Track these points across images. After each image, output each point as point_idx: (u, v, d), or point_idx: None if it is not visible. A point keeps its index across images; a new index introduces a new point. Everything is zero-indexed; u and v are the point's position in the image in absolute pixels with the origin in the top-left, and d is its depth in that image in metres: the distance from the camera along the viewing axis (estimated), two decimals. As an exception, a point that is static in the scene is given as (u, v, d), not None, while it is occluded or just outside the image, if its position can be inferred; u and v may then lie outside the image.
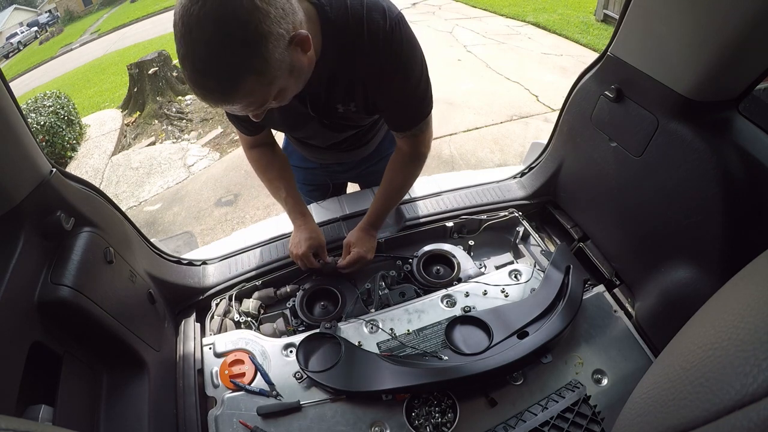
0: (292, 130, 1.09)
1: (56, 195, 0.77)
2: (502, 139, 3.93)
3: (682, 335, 0.42)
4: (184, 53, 0.62)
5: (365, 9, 0.78)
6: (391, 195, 1.14)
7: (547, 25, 6.89)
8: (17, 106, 0.70)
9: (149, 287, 0.96)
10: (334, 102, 0.90)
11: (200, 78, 0.64)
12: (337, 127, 1.02)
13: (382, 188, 1.13)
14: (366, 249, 1.13)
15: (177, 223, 3.41)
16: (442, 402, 0.87)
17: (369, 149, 1.32)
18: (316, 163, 1.39)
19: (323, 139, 1.11)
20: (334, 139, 1.12)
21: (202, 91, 0.66)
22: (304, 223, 1.14)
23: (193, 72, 0.63)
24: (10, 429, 0.30)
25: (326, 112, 0.93)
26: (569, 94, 1.19)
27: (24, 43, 24.53)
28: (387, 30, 0.79)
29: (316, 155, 1.28)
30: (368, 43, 0.79)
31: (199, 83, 0.64)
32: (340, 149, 1.21)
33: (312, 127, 1.00)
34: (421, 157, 1.09)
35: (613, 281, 1.15)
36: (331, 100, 0.90)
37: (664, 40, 0.86)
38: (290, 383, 0.91)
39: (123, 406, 0.79)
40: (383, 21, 0.79)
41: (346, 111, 0.92)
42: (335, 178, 1.49)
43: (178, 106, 5.46)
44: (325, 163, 1.40)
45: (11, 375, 0.59)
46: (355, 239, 1.14)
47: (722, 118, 0.87)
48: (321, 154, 1.26)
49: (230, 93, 0.66)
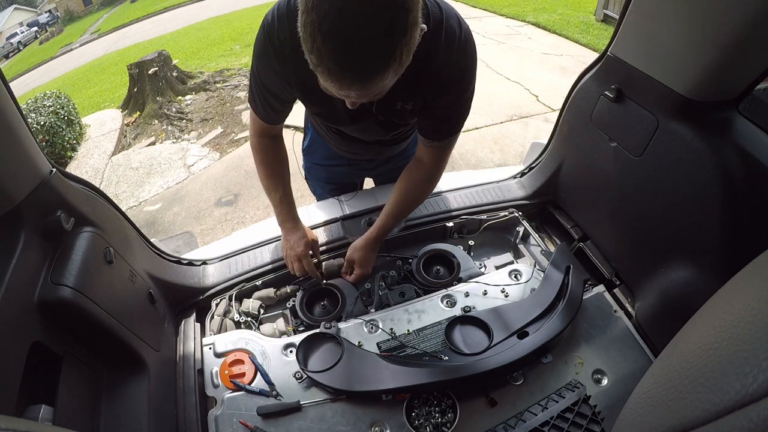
0: (348, 123, 1.04)
1: (56, 195, 0.77)
2: (502, 139, 3.93)
3: (682, 335, 0.42)
4: (333, 25, 0.58)
5: (444, 15, 0.81)
6: (402, 209, 1.13)
7: (547, 25, 6.89)
8: (17, 106, 0.70)
9: (149, 287, 0.96)
10: (395, 99, 0.90)
11: (347, 57, 0.61)
12: (388, 124, 1.02)
13: (395, 201, 1.11)
14: (370, 268, 1.14)
15: (177, 223, 3.41)
16: (442, 402, 0.87)
17: (402, 147, 1.32)
18: (345, 159, 1.36)
19: (372, 134, 1.09)
20: (381, 135, 1.11)
21: (341, 69, 0.62)
22: (296, 225, 1.14)
23: (339, 45, 0.59)
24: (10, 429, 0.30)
25: (385, 108, 0.93)
26: (569, 94, 1.19)
27: (24, 43, 24.52)
28: (462, 39, 0.82)
29: (355, 150, 1.25)
30: (444, 47, 0.82)
31: (344, 61, 0.61)
32: (381, 144, 1.21)
33: (367, 122, 1.00)
34: (439, 171, 1.08)
35: (613, 281, 1.15)
36: (395, 96, 0.89)
37: (664, 40, 0.86)
38: (290, 383, 0.91)
39: (123, 406, 0.79)
40: (459, 29, 0.82)
41: (402, 109, 0.93)
42: (360, 174, 1.48)
43: (178, 106, 5.46)
44: (355, 159, 1.37)
45: (11, 375, 0.59)
46: (359, 258, 1.13)
47: (722, 118, 0.87)
48: (360, 149, 1.24)
49: (372, 78, 0.63)
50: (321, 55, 0.61)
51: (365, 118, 0.98)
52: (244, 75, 6.34)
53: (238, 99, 5.54)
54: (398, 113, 0.95)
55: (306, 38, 0.62)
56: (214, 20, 11.98)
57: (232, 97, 5.65)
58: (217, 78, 6.33)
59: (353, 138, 1.14)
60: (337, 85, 0.66)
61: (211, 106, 5.45)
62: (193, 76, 6.39)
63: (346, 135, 1.13)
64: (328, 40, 0.59)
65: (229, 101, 5.52)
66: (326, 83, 0.68)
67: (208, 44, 9.01)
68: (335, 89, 0.68)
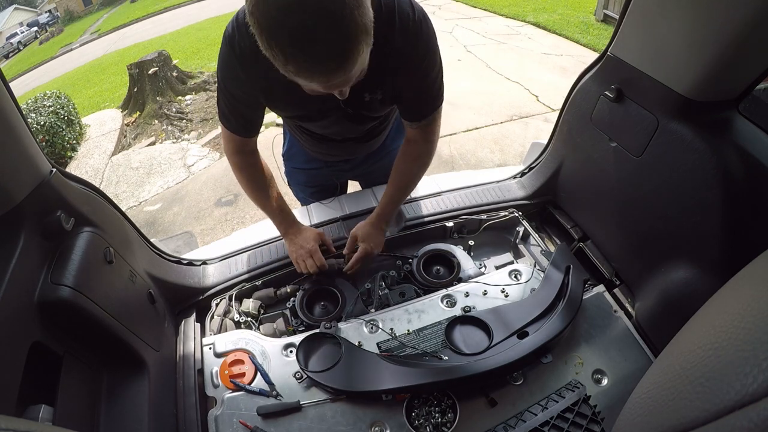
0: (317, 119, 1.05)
1: (56, 195, 0.77)
2: (502, 139, 3.93)
3: (682, 335, 0.42)
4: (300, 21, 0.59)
5: (396, 1, 0.82)
6: (401, 187, 1.15)
7: (547, 25, 6.88)
8: (17, 106, 0.70)
9: (149, 287, 0.96)
10: (362, 91, 0.92)
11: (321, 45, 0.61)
12: (358, 118, 1.04)
13: (393, 181, 1.14)
14: (374, 244, 1.14)
15: (177, 223, 3.41)
16: (442, 402, 0.87)
17: (378, 143, 1.33)
18: (322, 162, 1.38)
19: (342, 130, 1.11)
20: (353, 132, 1.13)
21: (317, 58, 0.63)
22: (298, 228, 1.15)
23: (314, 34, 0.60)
24: (10, 429, 0.30)
25: (353, 101, 0.94)
26: (569, 94, 1.19)
27: (24, 43, 24.51)
28: (416, 21, 0.84)
29: (329, 151, 1.27)
30: (399, 33, 0.83)
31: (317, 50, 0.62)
32: (355, 142, 1.22)
33: (336, 117, 1.01)
34: (431, 146, 1.10)
35: (613, 281, 1.14)
36: (360, 89, 0.90)
37: (664, 40, 0.86)
38: (290, 383, 0.91)
39: (123, 406, 0.79)
40: (412, 13, 0.84)
41: (372, 100, 0.94)
42: (340, 176, 1.49)
43: (178, 106, 5.46)
44: (332, 161, 1.39)
45: (11, 375, 0.59)
46: (363, 234, 1.14)
47: (722, 118, 0.87)
48: (334, 149, 1.25)
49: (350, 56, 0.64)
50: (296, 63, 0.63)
51: (334, 113, 0.99)
52: (244, 75, 6.33)
53: (238, 99, 5.54)
54: (367, 105, 0.96)
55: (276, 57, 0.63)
56: (214, 20, 11.96)
57: (232, 97, 5.64)
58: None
59: (326, 138, 1.15)
60: (324, 78, 0.67)
61: (211, 106, 5.45)
62: (193, 76, 6.38)
63: (317, 135, 1.15)
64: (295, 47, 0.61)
65: (229, 101, 5.51)
66: (311, 84, 0.69)
67: (208, 44, 9.01)
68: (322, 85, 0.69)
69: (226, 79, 0.91)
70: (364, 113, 1.01)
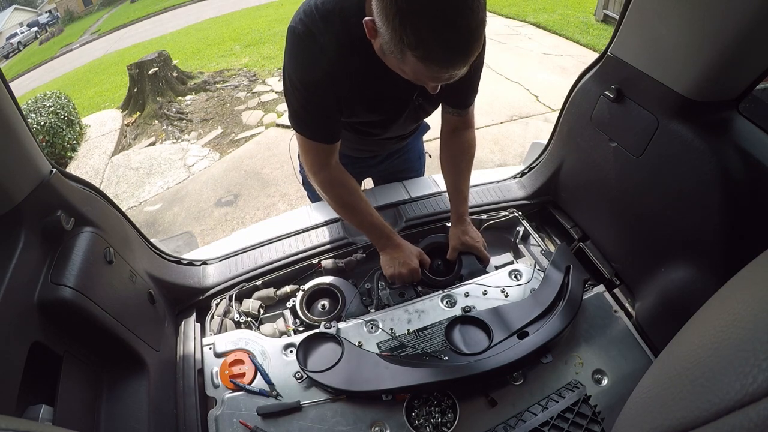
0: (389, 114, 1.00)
1: (56, 195, 0.77)
2: (502, 139, 3.93)
3: (682, 335, 0.42)
4: (441, 8, 0.60)
5: None
6: (467, 178, 1.15)
7: (547, 25, 6.89)
8: (17, 106, 0.70)
9: (149, 287, 0.96)
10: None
11: (459, 33, 0.62)
12: (423, 114, 1.04)
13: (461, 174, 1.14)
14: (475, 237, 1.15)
15: (177, 224, 3.41)
16: (442, 402, 0.87)
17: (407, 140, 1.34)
18: (348, 158, 1.34)
19: (399, 128, 1.08)
20: (407, 129, 1.12)
21: (453, 46, 0.64)
22: (399, 242, 1.11)
23: (454, 23, 0.61)
24: (10, 429, 0.30)
25: (429, 96, 0.94)
26: (569, 95, 1.19)
27: (24, 43, 24.51)
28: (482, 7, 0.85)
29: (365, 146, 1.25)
30: None
31: (455, 38, 0.63)
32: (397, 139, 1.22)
33: (403, 113, 1.00)
34: (474, 128, 1.13)
35: (613, 281, 1.14)
36: None
37: (664, 40, 0.86)
38: (290, 383, 0.91)
39: (123, 406, 0.79)
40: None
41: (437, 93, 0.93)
42: (362, 173, 1.48)
43: (178, 107, 5.46)
44: (361, 157, 1.36)
45: (11, 375, 0.59)
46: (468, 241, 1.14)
47: (722, 118, 0.87)
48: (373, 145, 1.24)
49: (476, 48, 0.65)
50: (429, 46, 0.63)
51: (404, 109, 0.98)
52: (244, 75, 6.34)
53: (238, 99, 5.55)
54: (434, 99, 0.97)
55: (405, 38, 0.63)
56: (214, 20, 11.98)
57: (232, 97, 5.65)
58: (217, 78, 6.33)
59: (372, 134, 1.11)
60: (450, 67, 0.66)
61: (211, 107, 5.45)
62: (193, 77, 6.39)
63: (365, 132, 1.09)
64: (436, 33, 0.61)
65: (229, 101, 5.53)
66: (428, 71, 0.68)
67: (208, 44, 9.01)
68: (443, 73, 0.68)
69: (306, 80, 0.85)
70: (428, 108, 1.01)
